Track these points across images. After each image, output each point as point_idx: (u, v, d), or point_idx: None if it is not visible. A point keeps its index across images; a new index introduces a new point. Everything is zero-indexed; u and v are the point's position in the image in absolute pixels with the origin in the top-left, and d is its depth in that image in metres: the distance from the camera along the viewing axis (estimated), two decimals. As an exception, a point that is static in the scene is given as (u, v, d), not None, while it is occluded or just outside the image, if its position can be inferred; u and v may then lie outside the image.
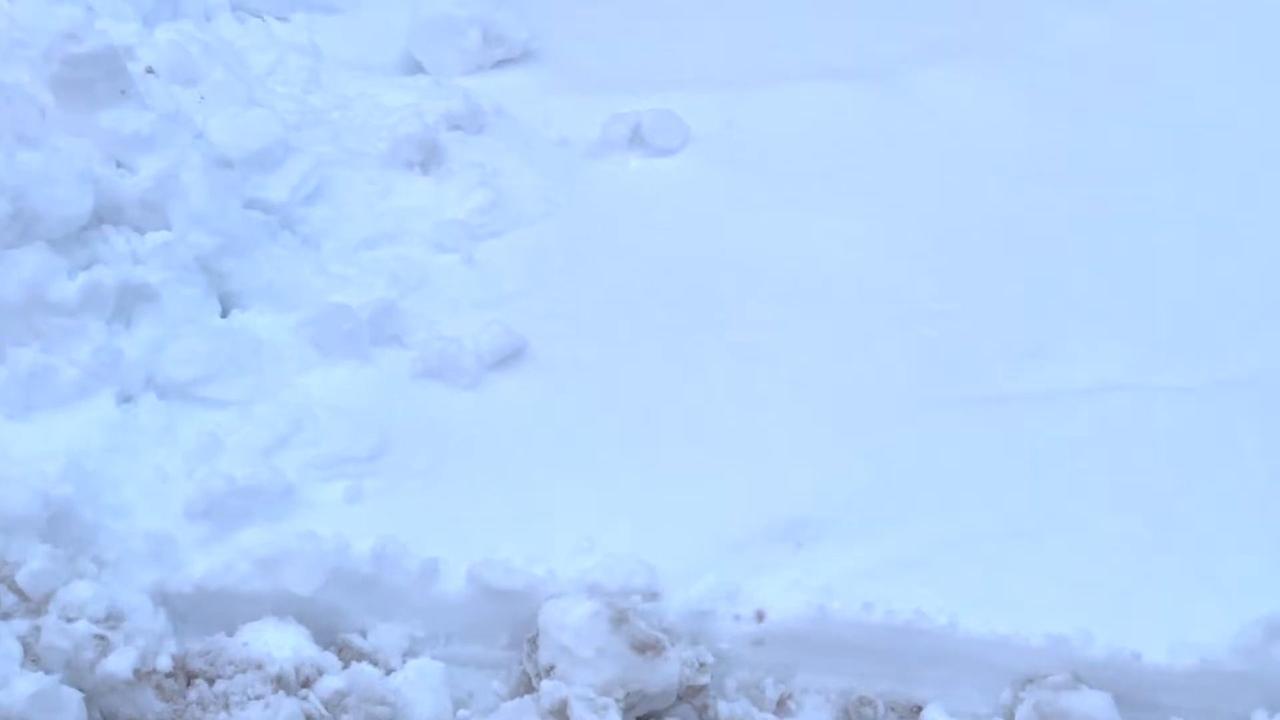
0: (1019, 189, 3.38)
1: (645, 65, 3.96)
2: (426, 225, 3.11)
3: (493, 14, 3.88)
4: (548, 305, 2.96)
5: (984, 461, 2.58)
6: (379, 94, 3.62)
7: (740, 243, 3.19)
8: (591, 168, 3.48)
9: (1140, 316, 2.93)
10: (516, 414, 2.65)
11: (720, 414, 2.68)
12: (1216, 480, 2.53)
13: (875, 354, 2.84)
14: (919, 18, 4.22)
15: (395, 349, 2.75)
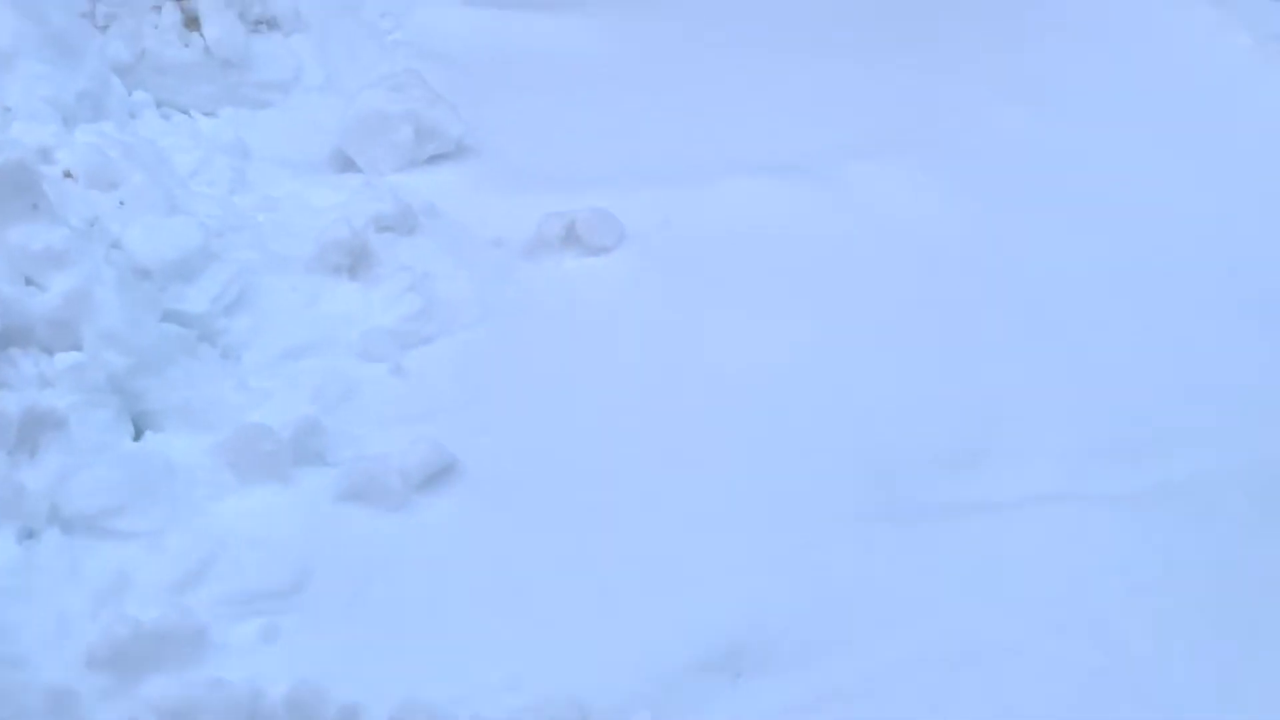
0: (954, 287, 3.36)
1: (580, 160, 3.93)
2: (353, 334, 3.02)
3: (426, 109, 3.84)
4: (480, 417, 2.88)
5: (924, 579, 2.51)
6: (308, 194, 3.56)
7: (677, 347, 3.14)
8: (526, 268, 3.42)
9: (1077, 421, 2.90)
10: (444, 538, 2.55)
11: (657, 533, 2.60)
12: (1159, 596, 2.48)
13: (813, 464, 2.78)
14: (851, 110, 4.25)
15: (318, 469, 2.65)
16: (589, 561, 2.53)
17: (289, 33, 4.26)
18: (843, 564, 2.54)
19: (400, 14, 4.68)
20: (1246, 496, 2.68)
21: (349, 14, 4.56)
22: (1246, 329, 3.20)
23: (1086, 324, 3.20)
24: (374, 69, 4.26)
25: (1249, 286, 3.37)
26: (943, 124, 4.17)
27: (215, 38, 3.96)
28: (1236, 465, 2.75)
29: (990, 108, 4.27)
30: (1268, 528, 2.61)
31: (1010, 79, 4.49)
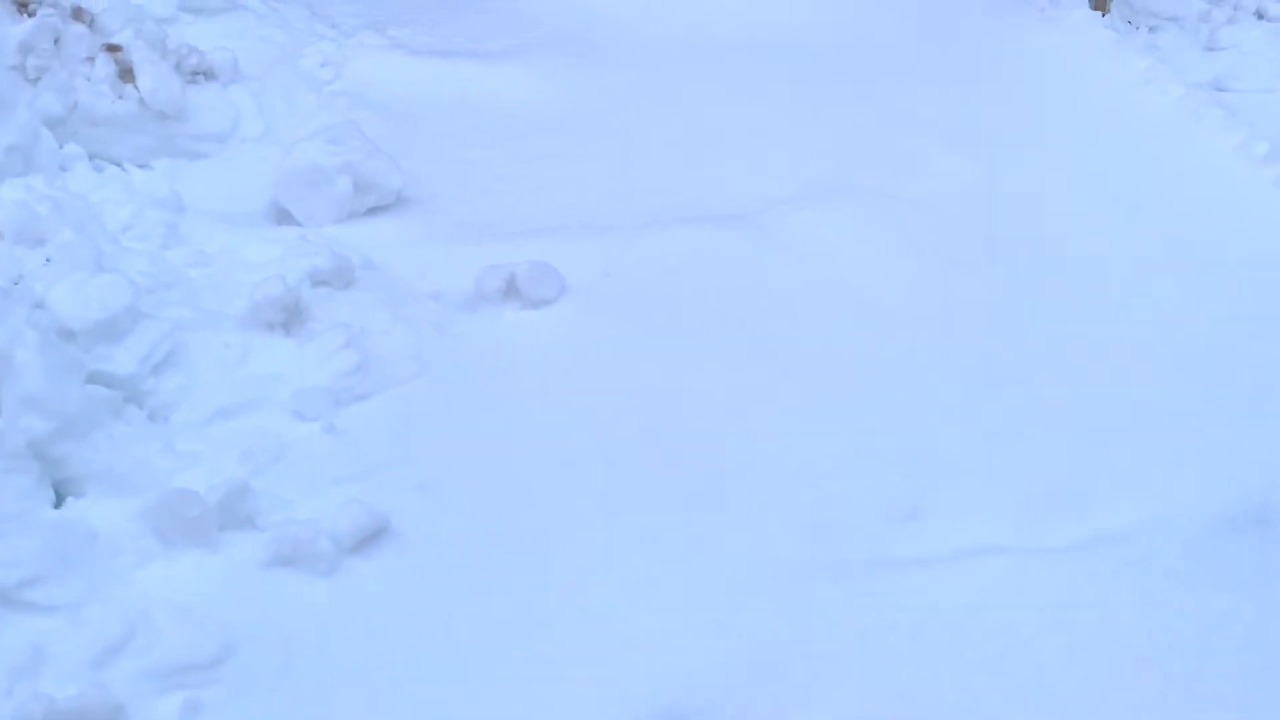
0: (894, 338, 3.37)
1: (521, 212, 3.92)
2: (286, 392, 2.97)
3: (364, 161, 3.80)
4: (415, 476, 2.83)
5: (864, 636, 2.49)
6: (242, 247, 3.50)
7: (617, 401, 3.11)
8: (465, 322, 3.39)
9: (1014, 472, 2.91)
10: (377, 604, 2.49)
11: (595, 595, 2.56)
12: (1096, 648, 2.48)
13: (753, 521, 2.76)
14: (793, 160, 4.28)
15: (246, 534, 2.58)
16: (526, 626, 2.49)
17: (226, 83, 4.23)
18: (781, 623, 2.51)
19: (340, 64, 4.66)
20: (1180, 546, 2.69)
21: (288, 64, 4.54)
22: (1179, 380, 3.23)
23: (1022, 375, 3.22)
24: (313, 120, 4.24)
25: (1182, 336, 3.41)
26: (884, 173, 4.20)
27: (150, 89, 3.92)
28: (1169, 515, 2.76)
29: (930, 157, 4.31)
30: (1201, 576, 2.62)
31: (949, 129, 4.55)
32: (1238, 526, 2.74)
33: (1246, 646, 2.44)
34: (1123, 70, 5.14)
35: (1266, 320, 3.49)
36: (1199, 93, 4.94)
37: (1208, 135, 4.56)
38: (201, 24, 4.44)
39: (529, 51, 5.02)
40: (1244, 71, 5.47)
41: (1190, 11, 6.10)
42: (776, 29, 5.33)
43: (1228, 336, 3.42)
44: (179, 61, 4.08)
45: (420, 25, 5.21)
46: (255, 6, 4.78)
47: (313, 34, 4.81)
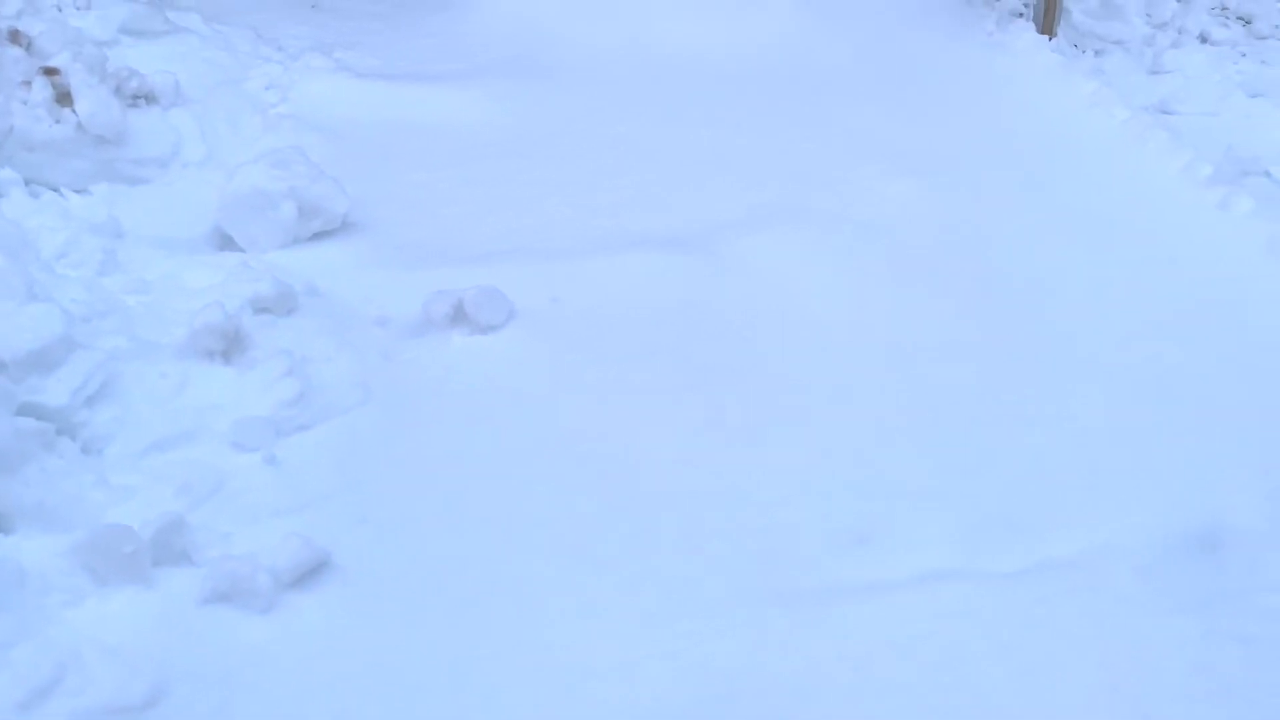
0: (843, 361, 3.36)
1: (468, 237, 3.88)
2: (225, 423, 2.90)
3: (309, 186, 3.75)
4: (358, 508, 2.77)
5: (815, 665, 2.45)
6: (182, 274, 3.44)
7: (565, 428, 3.07)
8: (412, 348, 3.34)
9: (963, 497, 2.89)
10: (316, 641, 2.42)
11: (543, 628, 2.51)
12: (1048, 674, 2.45)
13: (703, 549, 2.72)
14: (742, 184, 4.27)
15: (182, 570, 2.51)
16: (472, 660, 2.43)
17: (168, 107, 4.16)
18: (733, 653, 2.47)
19: (286, 87, 4.61)
20: (1130, 571, 2.68)
21: (232, 87, 4.48)
22: (1127, 403, 3.23)
23: (971, 400, 3.21)
24: (257, 143, 4.19)
25: (1130, 359, 3.42)
26: (833, 197, 4.21)
27: (88, 113, 3.84)
28: (1119, 540, 2.75)
29: (879, 180, 4.32)
30: (1151, 601, 2.61)
31: (898, 152, 4.57)
32: (1186, 551, 2.73)
33: (1196, 670, 2.43)
34: (1069, 93, 5.20)
35: (1212, 342, 3.51)
36: (1144, 116, 5.00)
37: (1153, 158, 4.61)
38: (143, 47, 4.38)
39: (476, 74, 5.00)
40: (1188, 95, 5.55)
41: (1135, 35, 6.20)
42: (726, 53, 5.35)
43: (1174, 359, 3.43)
44: (119, 85, 4.01)
45: (366, 48, 5.18)
46: (198, 29, 4.72)
47: (258, 57, 4.76)
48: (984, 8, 5.83)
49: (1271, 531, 2.79)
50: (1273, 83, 5.71)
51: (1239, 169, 4.79)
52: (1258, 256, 3.90)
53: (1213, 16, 6.59)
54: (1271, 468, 3.00)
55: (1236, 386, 3.31)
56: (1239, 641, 2.49)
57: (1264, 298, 3.71)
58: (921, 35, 5.59)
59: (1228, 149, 4.94)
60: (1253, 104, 5.52)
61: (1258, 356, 3.44)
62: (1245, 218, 4.11)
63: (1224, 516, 2.83)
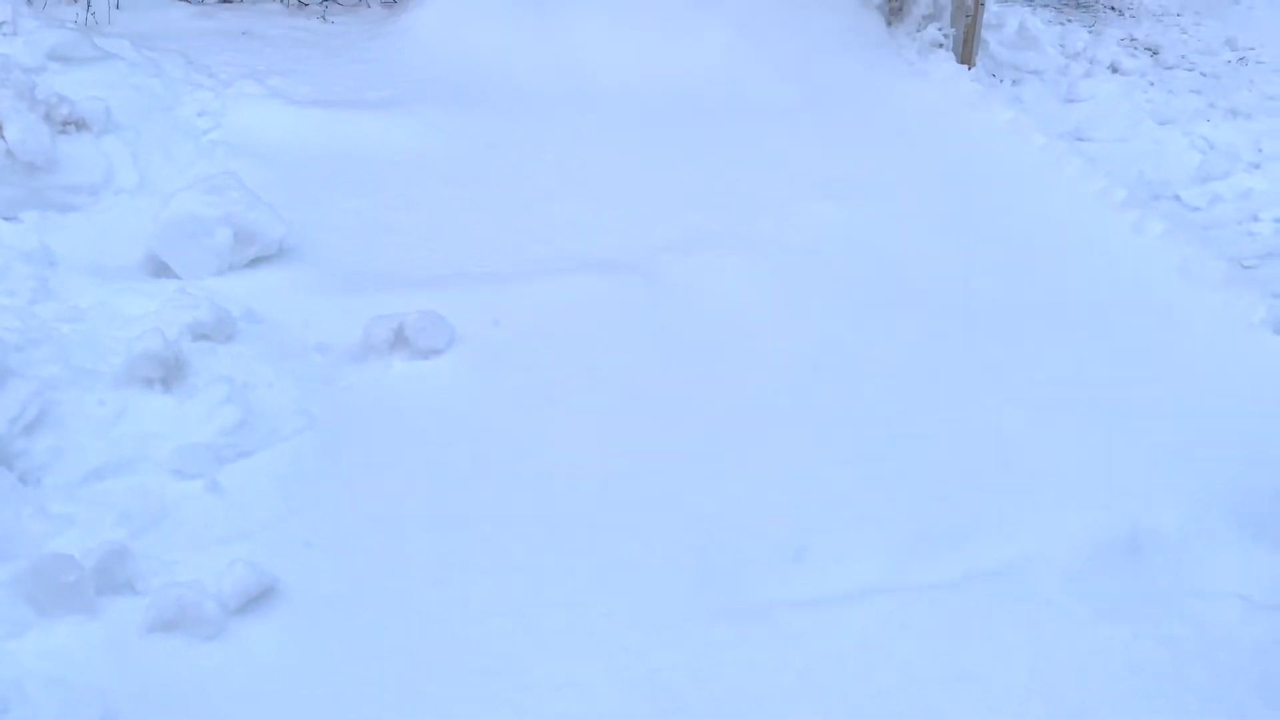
0: (779, 380, 3.44)
1: (408, 261, 3.90)
2: (166, 450, 2.88)
3: (245, 211, 3.74)
4: (303, 533, 2.77)
5: (758, 677, 2.51)
6: (117, 302, 3.40)
7: (510, 451, 3.10)
8: (352, 373, 3.34)
9: (896, 511, 2.97)
10: (265, 667, 2.42)
11: (491, 649, 2.53)
12: (982, 680, 2.53)
13: (646, 566, 2.77)
14: (676, 208, 4.35)
15: (126, 599, 2.49)
16: (420, 682, 2.44)
17: (99, 133, 4.12)
18: (678, 668, 2.52)
19: (219, 113, 4.59)
20: (1059, 577, 2.78)
21: (164, 113, 4.45)
22: (1049, 415, 3.36)
23: (901, 415, 3.31)
24: (191, 170, 4.17)
25: (1050, 372, 3.55)
26: (764, 221, 4.31)
27: (17, 139, 3.79)
28: (1049, 548, 2.85)
29: (808, 205, 4.43)
30: (1079, 606, 2.71)
31: (826, 178, 4.69)
32: (1111, 555, 2.85)
33: (1125, 672, 2.53)
34: (988, 120, 5.37)
35: (1128, 355, 3.66)
36: (1060, 142, 5.19)
37: (1069, 182, 4.79)
38: (72, 73, 4.32)
39: (411, 101, 5.02)
40: (1101, 122, 5.78)
41: (1050, 65, 6.44)
42: (659, 82, 5.44)
43: (1093, 372, 3.58)
44: (48, 111, 3.96)
45: (299, 74, 5.18)
46: (129, 55, 4.68)
47: (190, 83, 4.72)
48: (906, 39, 6.01)
49: (1190, 535, 2.92)
50: (1180, 111, 5.96)
51: (1150, 193, 5.00)
52: (1170, 276, 4.08)
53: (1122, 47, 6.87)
54: (1187, 474, 3.14)
55: (1152, 398, 3.46)
56: (1165, 643, 2.59)
57: (1176, 315, 3.88)
58: (848, 66, 5.74)
59: (1139, 174, 5.16)
60: (1162, 131, 5.76)
61: (1172, 370, 3.60)
62: (1157, 239, 4.29)
63: (1145, 522, 2.95)
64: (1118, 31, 7.10)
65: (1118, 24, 7.30)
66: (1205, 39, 7.15)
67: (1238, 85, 6.40)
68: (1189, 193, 5.10)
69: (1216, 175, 5.22)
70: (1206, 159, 5.37)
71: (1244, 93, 6.23)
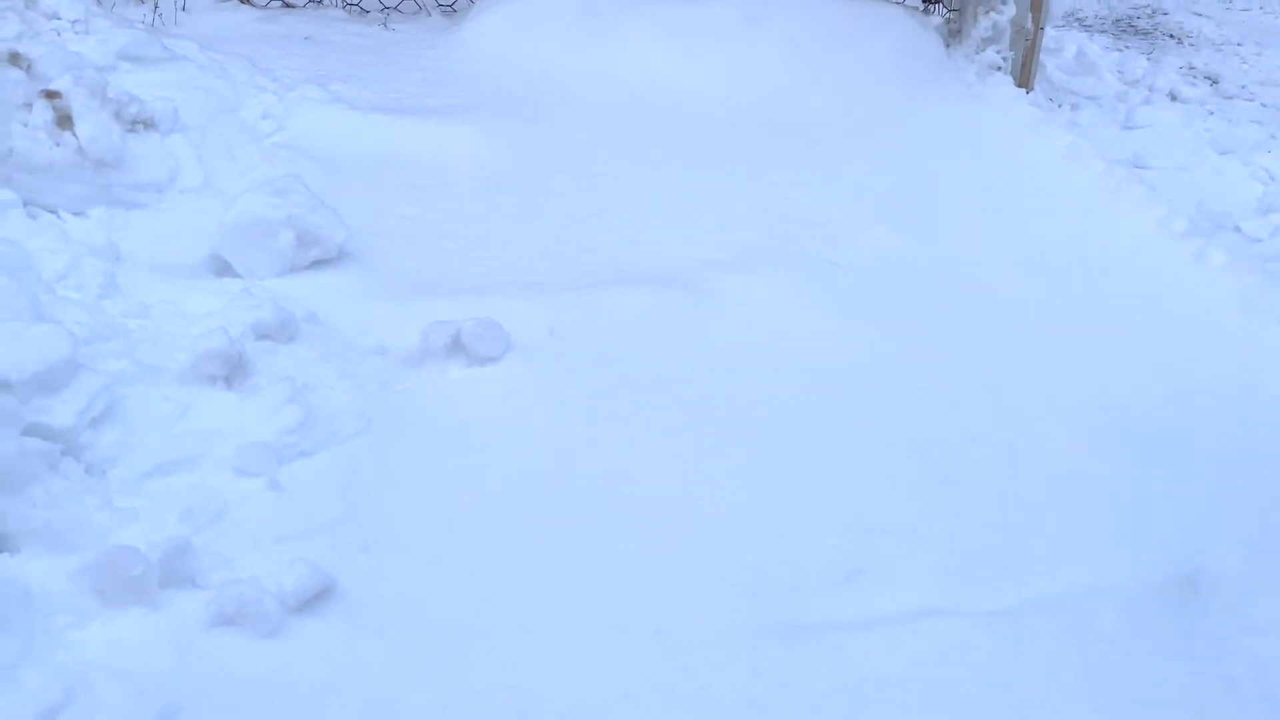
0: (830, 399, 3.43)
1: (466, 268, 3.93)
2: (228, 448, 2.92)
3: (308, 214, 3.78)
4: (360, 535, 2.80)
5: (810, 701, 2.50)
6: (182, 300, 3.45)
7: (563, 462, 3.11)
8: (410, 378, 3.37)
9: (952, 535, 2.95)
10: (323, 666, 2.44)
11: (542, 659, 2.54)
12: (1036, 712, 2.51)
13: (697, 584, 2.77)
14: (725, 225, 4.36)
15: (188, 593, 2.52)
16: (474, 690, 2.45)
17: (166, 133, 4.18)
18: (729, 688, 2.51)
19: (281, 116, 4.65)
20: (1116, 611, 2.75)
21: (228, 115, 4.51)
22: (1106, 446, 3.32)
23: (959, 438, 3.29)
24: (254, 171, 4.22)
25: (1108, 403, 3.51)
26: (816, 242, 4.30)
27: (89, 137, 3.86)
28: (1106, 581, 2.82)
29: (861, 226, 4.42)
30: (1138, 642, 2.68)
31: (879, 200, 4.67)
32: (1168, 591, 2.81)
33: (1184, 710, 2.50)
34: (1046, 145, 5.34)
35: (1188, 388, 3.62)
36: (1119, 169, 5.14)
37: (1128, 210, 4.74)
38: (141, 73, 4.40)
39: (469, 110, 5.07)
40: (1160, 149, 5.72)
41: (1109, 91, 6.39)
42: (713, 100, 5.45)
43: (1151, 403, 3.54)
44: (118, 110, 4.03)
45: (360, 80, 5.23)
46: (196, 57, 4.75)
47: (254, 86, 4.79)
48: (964, 61, 5.99)
49: (1249, 574, 2.87)
50: (1240, 140, 5.90)
51: (1211, 223, 4.95)
52: (1233, 308, 4.03)
53: (1181, 75, 6.81)
54: (1247, 512, 3.10)
55: (1211, 432, 3.41)
56: (1224, 682, 2.56)
57: (1239, 348, 3.83)
58: (904, 86, 5.72)
59: (1199, 203, 5.11)
60: (1222, 160, 5.70)
61: (1233, 404, 3.55)
62: (1219, 271, 4.24)
63: (1203, 559, 2.91)
64: (1176, 59, 7.04)
65: (1176, 52, 7.24)
66: (1266, 69, 7.08)
67: (1299, 116, 6.33)
68: (1250, 224, 5.04)
69: (1278, 206, 5.16)
70: (1268, 190, 5.30)
71: (1305, 124, 6.16)
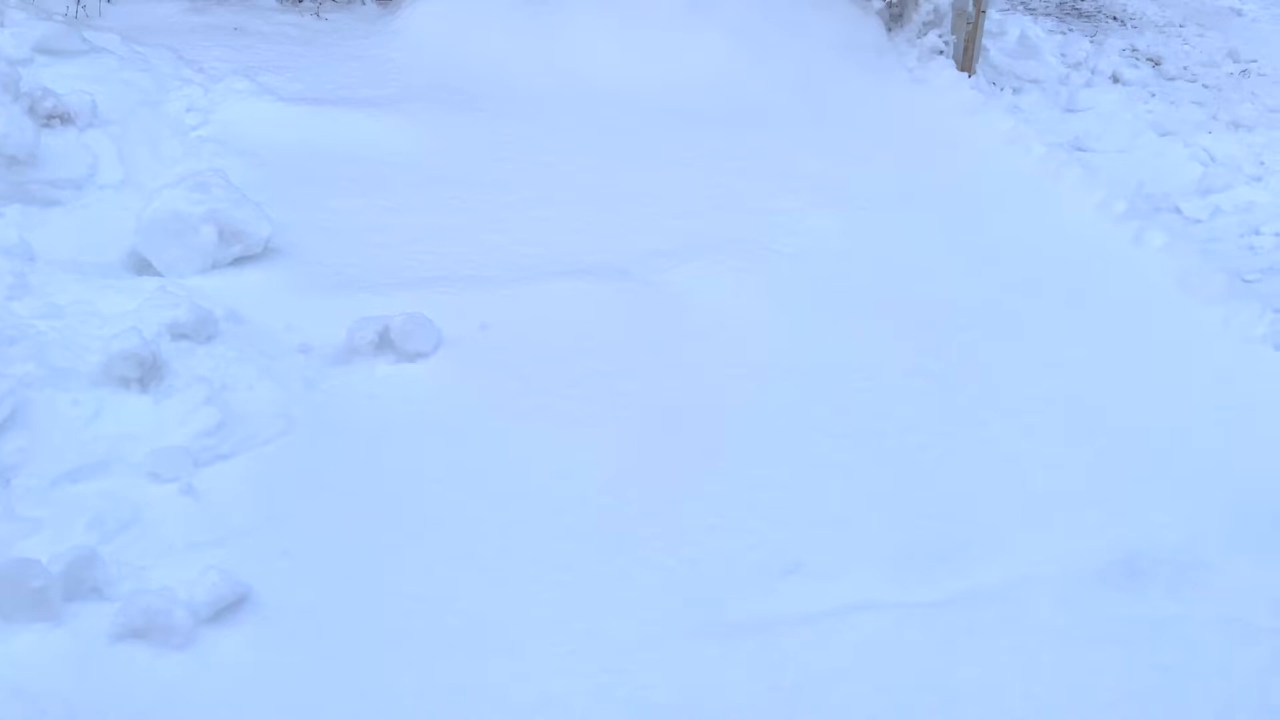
0: (772, 390, 3.37)
1: (395, 263, 3.83)
2: (141, 452, 2.81)
3: (230, 210, 3.67)
4: (279, 541, 2.70)
5: (747, 698, 2.44)
6: (97, 299, 3.33)
7: (494, 460, 3.03)
8: (335, 376, 3.28)
9: (891, 526, 2.91)
10: (236, 678, 2.35)
11: (470, 663, 2.46)
12: (974, 703, 2.47)
13: (631, 581, 2.70)
14: (671, 214, 4.29)
15: (94, 605, 2.42)
16: (395, 697, 2.37)
17: (84, 128, 4.05)
18: (664, 687, 2.45)
19: (207, 109, 4.52)
20: (1054, 600, 2.71)
21: (151, 109, 4.38)
22: (1047, 430, 3.29)
23: (896, 429, 3.24)
24: (177, 166, 4.10)
25: (1048, 389, 3.48)
26: (761, 229, 4.24)
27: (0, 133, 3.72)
28: (1045, 569, 2.79)
29: (806, 213, 4.37)
30: (1073, 630, 2.64)
31: (824, 186, 4.62)
32: (1107, 577, 2.78)
33: (1120, 699, 2.47)
34: (988, 129, 5.31)
35: (1127, 370, 3.60)
36: (1060, 152, 5.13)
37: (1069, 193, 4.72)
38: (59, 66, 4.26)
39: (403, 100, 4.96)
40: (1102, 132, 5.72)
41: (1051, 75, 6.38)
42: (655, 87, 5.38)
43: (1089, 388, 3.51)
44: (32, 104, 3.90)
45: (291, 71, 5.11)
46: (118, 49, 4.61)
47: (178, 78, 4.66)
48: (906, 45, 5.95)
49: (1188, 558, 2.85)
50: (1181, 122, 5.91)
51: (1151, 205, 4.94)
52: (1170, 290, 4.01)
53: (1124, 58, 6.81)
54: (1185, 495, 3.07)
55: (1150, 415, 3.39)
56: (1160, 669, 2.53)
57: (1176, 330, 3.82)
58: (847, 72, 5.68)
59: (1139, 185, 5.10)
60: (1163, 142, 5.71)
61: (1170, 386, 3.53)
62: (1158, 252, 4.22)
63: (1142, 544, 2.89)
64: (1119, 42, 7.05)
65: (1119, 34, 7.24)
66: (1207, 51, 7.10)
67: (1240, 98, 6.34)
68: (1190, 205, 5.04)
69: (1217, 188, 5.16)
70: (1208, 171, 5.31)
71: (1246, 105, 6.17)
